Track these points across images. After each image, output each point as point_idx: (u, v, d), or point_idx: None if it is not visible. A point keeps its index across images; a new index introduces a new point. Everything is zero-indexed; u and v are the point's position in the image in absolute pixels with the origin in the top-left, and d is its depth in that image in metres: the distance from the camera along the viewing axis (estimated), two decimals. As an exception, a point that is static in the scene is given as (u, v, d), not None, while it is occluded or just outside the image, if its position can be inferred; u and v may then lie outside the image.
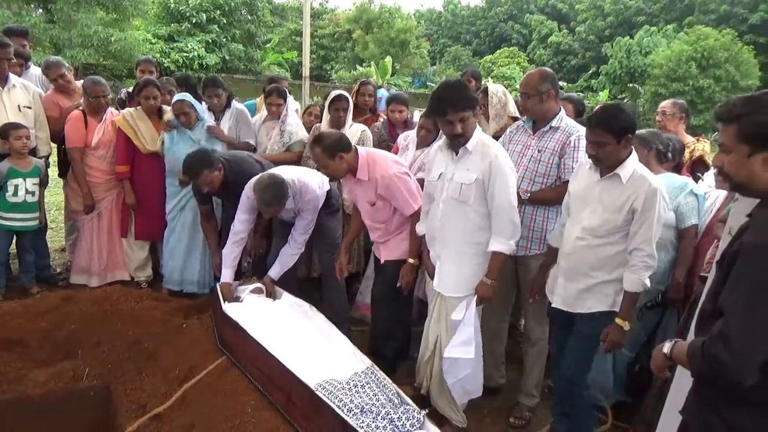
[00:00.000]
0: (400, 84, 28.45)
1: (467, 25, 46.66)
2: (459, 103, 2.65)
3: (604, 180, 2.49)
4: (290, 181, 3.44)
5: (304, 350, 2.84)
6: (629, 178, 2.43)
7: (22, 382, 3.11)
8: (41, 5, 18.20)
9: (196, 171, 3.49)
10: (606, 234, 2.48)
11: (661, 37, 30.78)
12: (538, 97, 2.92)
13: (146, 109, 4.21)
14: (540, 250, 3.02)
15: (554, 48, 39.24)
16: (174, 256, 4.23)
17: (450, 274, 2.85)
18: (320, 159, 3.11)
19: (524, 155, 3.03)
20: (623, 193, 2.43)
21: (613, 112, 2.44)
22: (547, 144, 2.97)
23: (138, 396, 3.07)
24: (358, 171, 3.13)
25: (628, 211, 2.42)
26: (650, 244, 2.41)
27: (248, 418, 2.60)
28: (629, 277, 2.44)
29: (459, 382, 2.82)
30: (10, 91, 4.03)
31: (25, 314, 3.48)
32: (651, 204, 2.37)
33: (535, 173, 2.98)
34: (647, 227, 2.39)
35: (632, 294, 2.47)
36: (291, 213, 3.59)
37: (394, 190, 3.11)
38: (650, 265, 2.43)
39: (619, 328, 2.48)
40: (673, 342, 1.72)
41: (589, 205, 2.54)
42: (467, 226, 2.77)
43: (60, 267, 4.73)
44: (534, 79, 2.95)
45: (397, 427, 2.33)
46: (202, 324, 3.49)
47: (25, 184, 3.95)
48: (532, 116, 3.05)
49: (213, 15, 23.42)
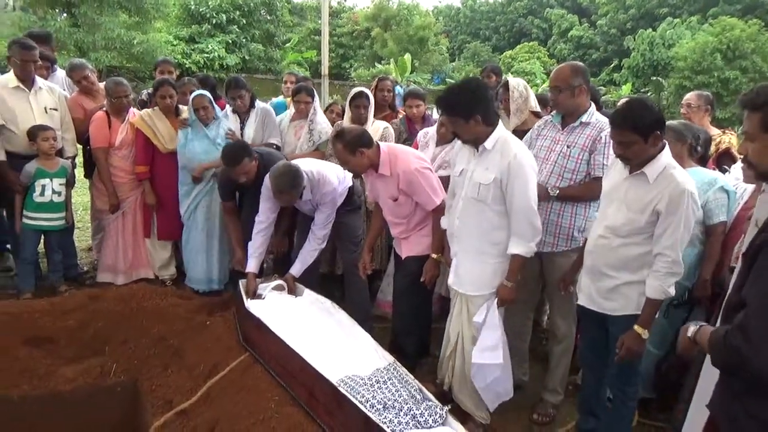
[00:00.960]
0: (419, 81, 28.36)
1: (486, 20, 46.33)
2: (448, 109, 2.69)
3: (632, 177, 2.40)
4: (308, 172, 3.45)
5: (326, 347, 2.85)
6: (657, 176, 2.31)
7: (52, 378, 3.19)
8: (65, 10, 18.55)
9: (238, 158, 3.50)
10: (628, 234, 2.39)
11: (685, 29, 30.23)
12: (569, 91, 2.86)
13: (163, 108, 4.26)
14: (567, 247, 2.98)
15: (575, 42, 38.77)
16: (194, 255, 4.28)
17: (468, 272, 2.82)
18: (341, 154, 3.12)
19: (552, 150, 2.98)
20: (649, 192, 2.32)
21: (638, 108, 2.32)
22: (576, 139, 2.91)
23: (164, 392, 3.13)
24: (380, 166, 3.13)
25: (651, 213, 2.31)
26: (675, 250, 2.28)
27: (271, 414, 2.62)
28: (651, 282, 2.34)
29: (489, 386, 2.79)
30: (37, 93, 4.11)
31: (54, 312, 3.56)
32: (676, 206, 2.25)
33: (563, 169, 2.93)
34: (672, 231, 2.27)
35: (653, 301, 2.35)
36: (309, 205, 3.61)
37: (416, 185, 3.11)
38: (675, 272, 2.31)
39: (636, 336, 2.37)
40: (699, 326, 1.70)
41: (614, 202, 2.47)
42: (485, 226, 2.72)
43: (87, 266, 4.82)
44: (566, 73, 2.88)
45: (419, 423, 2.33)
46: (226, 321, 3.53)
47: (52, 184, 4.03)
48: (563, 111, 2.98)
49: (233, 16, 23.66)
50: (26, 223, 4.01)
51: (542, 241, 2.97)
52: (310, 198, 3.53)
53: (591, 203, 2.94)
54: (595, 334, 2.69)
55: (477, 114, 2.59)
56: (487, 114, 2.63)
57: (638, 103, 2.38)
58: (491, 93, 2.81)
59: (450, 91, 2.76)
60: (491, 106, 2.68)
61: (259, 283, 3.59)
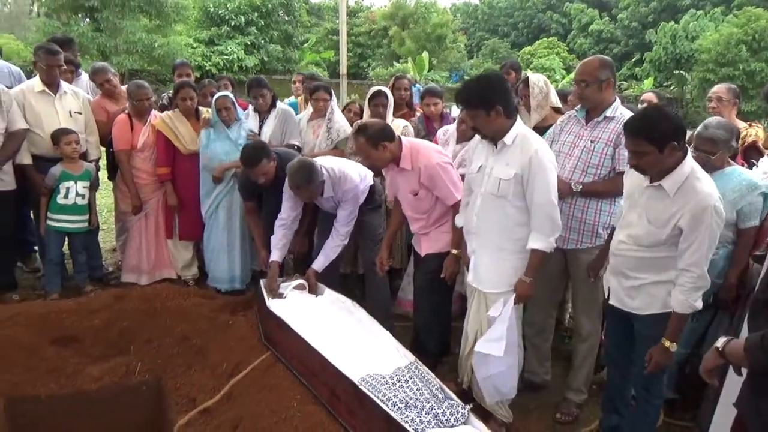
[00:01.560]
0: (438, 79, 28.25)
1: (504, 17, 45.93)
2: (468, 102, 2.66)
3: (651, 188, 2.33)
4: (329, 169, 3.47)
5: (347, 345, 2.85)
6: (677, 189, 2.23)
7: (79, 377, 3.25)
8: (88, 15, 18.88)
9: (256, 159, 3.53)
10: (650, 245, 2.34)
11: (709, 21, 29.63)
12: (597, 85, 2.82)
13: (183, 110, 4.30)
14: (592, 243, 2.93)
15: (595, 36, 38.26)
16: (216, 255, 4.33)
17: (487, 269, 2.79)
18: (363, 148, 3.12)
19: (576, 146, 2.95)
20: (669, 207, 2.24)
21: (653, 117, 2.22)
22: (600, 134, 2.87)
23: (187, 390, 3.16)
24: (401, 160, 3.13)
25: (673, 227, 2.24)
26: (700, 266, 2.22)
27: (294, 412, 2.64)
28: (677, 297, 2.28)
29: (489, 379, 2.76)
30: (62, 97, 4.18)
31: (80, 312, 3.63)
32: (699, 223, 2.17)
33: (587, 164, 2.89)
34: (697, 247, 2.19)
35: (680, 315, 2.30)
36: (331, 202, 3.62)
37: (437, 180, 3.10)
38: (701, 286, 2.25)
39: (665, 350, 2.33)
40: (728, 338, 1.66)
41: (636, 210, 2.41)
42: (506, 222, 2.69)
43: (112, 266, 4.90)
44: (593, 66, 2.85)
45: (441, 422, 2.32)
46: (248, 320, 3.56)
47: (76, 187, 4.10)
48: (589, 105, 2.93)
49: (251, 17, 23.80)
50: (50, 224, 4.09)
51: (566, 238, 2.95)
52: (331, 195, 3.54)
53: (616, 199, 2.89)
54: (621, 332, 2.65)
55: (498, 105, 2.55)
56: (507, 106, 2.59)
57: (654, 111, 2.29)
58: (510, 85, 2.79)
59: (468, 84, 2.74)
60: (511, 98, 2.65)
61: (281, 283, 3.61)
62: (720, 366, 1.72)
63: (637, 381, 2.65)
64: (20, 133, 3.93)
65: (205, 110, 4.36)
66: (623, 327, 2.61)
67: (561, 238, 2.94)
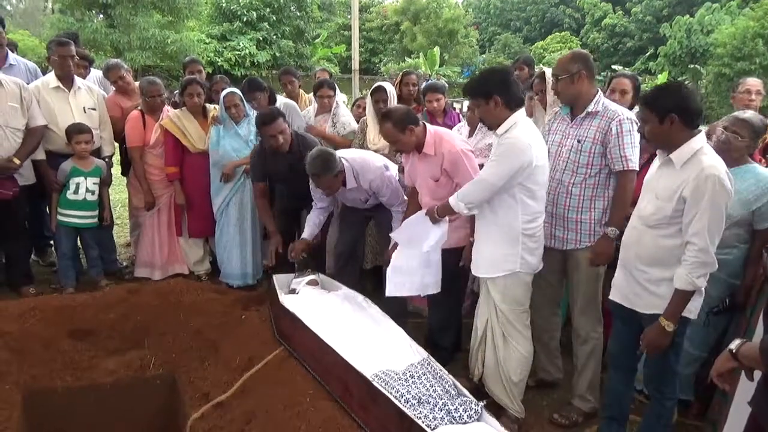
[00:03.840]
0: (449, 74, 28.18)
1: (517, 11, 45.68)
2: (469, 91, 2.79)
3: (663, 165, 2.36)
4: (349, 159, 3.49)
5: (359, 341, 2.85)
6: (684, 162, 2.24)
7: (95, 370, 3.28)
8: (102, 11, 19.01)
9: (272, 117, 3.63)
10: (656, 224, 2.32)
11: (725, 14, 29.25)
12: (568, 78, 2.80)
13: (191, 107, 4.29)
14: (590, 242, 2.90)
15: (609, 31, 37.91)
16: (228, 251, 4.35)
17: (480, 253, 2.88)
18: (391, 133, 3.12)
19: (563, 145, 2.91)
20: (676, 179, 2.25)
21: (661, 88, 2.33)
22: (586, 132, 2.83)
23: (201, 384, 3.18)
24: (425, 146, 3.15)
25: (678, 200, 2.22)
26: (703, 237, 2.17)
27: (307, 407, 2.64)
28: (679, 272, 2.23)
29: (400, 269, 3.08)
30: (76, 93, 4.22)
31: (95, 306, 3.66)
32: (702, 192, 2.15)
33: (576, 164, 2.85)
34: (699, 217, 2.17)
35: (681, 292, 2.24)
36: (356, 194, 3.59)
37: (460, 166, 3.11)
38: (703, 261, 2.18)
39: (661, 329, 2.27)
40: (742, 341, 1.64)
41: (648, 193, 2.41)
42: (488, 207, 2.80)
43: (126, 261, 4.94)
44: (563, 61, 2.86)
45: (454, 419, 2.32)
46: (261, 315, 3.56)
47: (86, 183, 4.12)
48: (565, 100, 2.93)
49: (263, 13, 23.86)
50: (60, 220, 4.14)
51: (565, 239, 2.95)
52: (355, 186, 3.52)
53: (607, 194, 2.88)
54: (626, 333, 2.61)
55: (496, 95, 2.64)
56: (508, 97, 2.66)
57: (663, 84, 2.41)
58: (515, 78, 2.82)
59: (474, 76, 2.88)
60: (513, 90, 2.69)
61: (293, 278, 3.62)
62: (732, 370, 1.69)
63: (649, 382, 2.62)
64: (40, 129, 3.97)
65: (213, 107, 4.37)
66: (629, 328, 2.58)
67: (559, 239, 2.96)
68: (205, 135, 4.30)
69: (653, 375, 2.55)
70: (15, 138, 3.82)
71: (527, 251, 2.78)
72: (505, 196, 2.71)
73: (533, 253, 2.82)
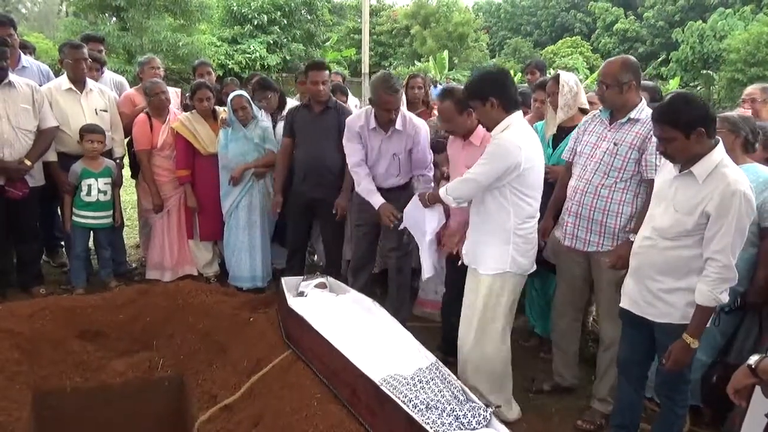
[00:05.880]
0: (459, 78, 28.10)
1: (527, 15, 45.51)
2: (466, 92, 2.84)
3: (680, 177, 2.29)
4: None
5: (368, 345, 2.84)
6: (707, 176, 2.19)
7: (104, 371, 3.30)
8: (115, 14, 19.15)
9: (325, 64, 3.84)
10: (675, 237, 2.28)
11: (738, 20, 28.99)
12: (617, 88, 2.75)
13: (201, 111, 4.31)
14: (613, 246, 2.88)
15: (620, 35, 37.68)
16: (237, 253, 4.35)
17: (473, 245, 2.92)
18: (449, 112, 3.07)
19: (598, 147, 2.88)
20: (698, 193, 2.21)
21: (679, 103, 2.23)
22: (624, 137, 2.80)
23: (209, 387, 3.19)
24: (473, 135, 3.13)
25: (700, 215, 2.19)
26: (726, 255, 2.15)
27: (314, 411, 2.63)
28: (701, 288, 2.21)
29: None
30: (88, 95, 4.25)
31: (105, 307, 3.67)
32: (727, 208, 2.12)
33: (609, 167, 2.82)
34: (723, 234, 2.14)
35: (703, 308, 2.22)
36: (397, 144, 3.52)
37: None
38: (726, 277, 2.18)
39: (685, 346, 2.26)
40: (762, 356, 1.61)
41: (663, 202, 2.37)
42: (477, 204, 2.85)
43: (135, 263, 4.96)
44: (614, 68, 2.78)
45: (462, 425, 2.30)
46: (269, 318, 3.56)
47: (97, 184, 4.15)
48: (609, 107, 2.89)
49: (274, 16, 23.91)
50: (75, 221, 4.16)
51: (587, 240, 2.92)
52: (401, 128, 3.47)
53: (636, 203, 2.83)
54: (636, 340, 2.58)
55: (491, 97, 2.67)
56: (504, 99, 2.69)
57: (680, 98, 2.29)
58: (511, 80, 2.85)
59: (471, 78, 2.91)
60: (509, 93, 2.72)
61: (302, 281, 3.62)
62: (751, 386, 1.66)
63: (660, 389, 2.60)
64: (51, 130, 3.99)
65: (222, 110, 4.38)
66: (639, 335, 2.55)
67: (581, 240, 2.93)
68: (216, 138, 4.31)
69: (665, 383, 2.53)
70: (27, 139, 3.85)
71: (518, 252, 2.79)
72: (497, 195, 2.74)
73: (525, 255, 2.82)
